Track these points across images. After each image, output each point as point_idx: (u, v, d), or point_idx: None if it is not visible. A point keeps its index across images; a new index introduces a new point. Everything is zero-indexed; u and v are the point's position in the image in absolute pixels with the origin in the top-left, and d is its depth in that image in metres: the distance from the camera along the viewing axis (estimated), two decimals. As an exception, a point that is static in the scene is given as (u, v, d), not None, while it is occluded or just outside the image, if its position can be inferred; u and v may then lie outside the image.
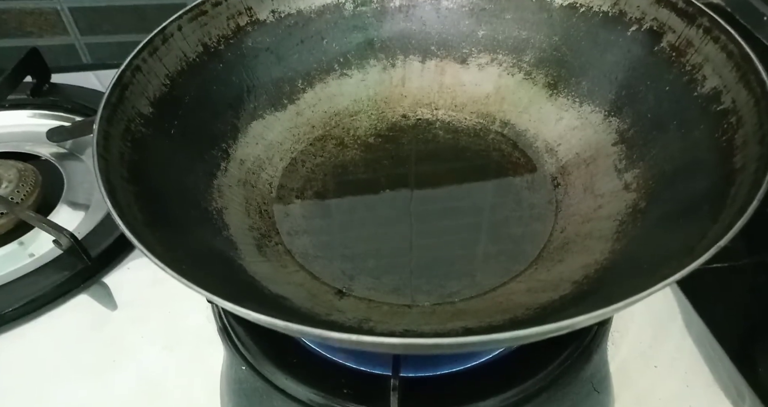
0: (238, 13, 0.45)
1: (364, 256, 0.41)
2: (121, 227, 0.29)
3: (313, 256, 0.41)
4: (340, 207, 0.45)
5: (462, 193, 0.46)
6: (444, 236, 0.43)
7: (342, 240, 0.43)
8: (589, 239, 0.39)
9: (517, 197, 0.45)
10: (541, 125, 0.48)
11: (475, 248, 0.42)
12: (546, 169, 0.46)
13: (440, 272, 0.40)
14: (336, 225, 0.44)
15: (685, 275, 0.27)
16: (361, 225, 0.44)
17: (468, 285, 0.39)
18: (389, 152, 0.49)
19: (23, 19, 0.66)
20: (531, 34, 0.48)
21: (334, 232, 0.43)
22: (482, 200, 0.45)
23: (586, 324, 0.26)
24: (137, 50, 0.39)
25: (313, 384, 0.39)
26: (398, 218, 0.44)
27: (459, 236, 0.43)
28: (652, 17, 0.42)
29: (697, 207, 0.33)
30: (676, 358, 0.42)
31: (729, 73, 0.36)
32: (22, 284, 0.45)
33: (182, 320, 0.44)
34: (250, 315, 0.26)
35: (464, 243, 0.42)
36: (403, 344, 0.27)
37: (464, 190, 0.46)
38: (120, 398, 0.40)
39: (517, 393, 0.38)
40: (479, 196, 0.46)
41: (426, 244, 0.42)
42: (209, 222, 0.39)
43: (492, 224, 0.43)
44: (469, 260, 0.41)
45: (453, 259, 0.41)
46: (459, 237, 0.42)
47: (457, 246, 0.42)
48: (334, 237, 0.43)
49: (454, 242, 0.42)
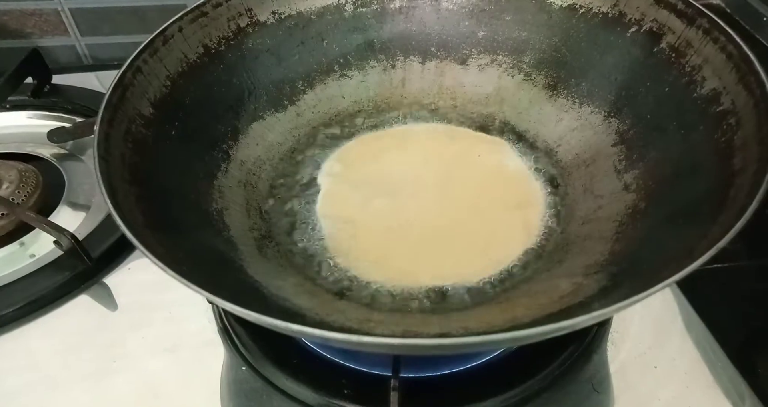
0: (239, 14, 0.46)
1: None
2: (122, 228, 0.29)
3: (314, 256, 0.41)
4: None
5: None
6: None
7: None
8: (589, 240, 0.39)
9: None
10: (540, 125, 0.48)
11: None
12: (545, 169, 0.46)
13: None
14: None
15: (685, 276, 0.27)
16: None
17: (468, 286, 0.39)
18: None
19: (24, 20, 0.67)
20: (531, 35, 0.48)
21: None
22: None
23: (586, 324, 0.26)
24: (138, 51, 0.39)
25: (314, 384, 0.39)
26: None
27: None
28: (652, 18, 0.42)
29: (696, 208, 0.33)
30: (676, 359, 0.42)
31: (728, 75, 0.36)
32: (22, 284, 0.45)
33: (183, 320, 0.44)
34: (251, 315, 0.26)
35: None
36: (403, 344, 0.27)
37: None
38: (120, 398, 0.40)
39: (517, 393, 0.38)
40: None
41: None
42: (210, 223, 0.39)
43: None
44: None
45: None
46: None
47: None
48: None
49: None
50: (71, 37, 0.69)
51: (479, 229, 0.42)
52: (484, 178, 0.46)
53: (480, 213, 0.43)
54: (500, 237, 0.42)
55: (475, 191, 0.45)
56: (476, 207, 0.44)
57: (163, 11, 0.67)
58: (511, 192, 0.45)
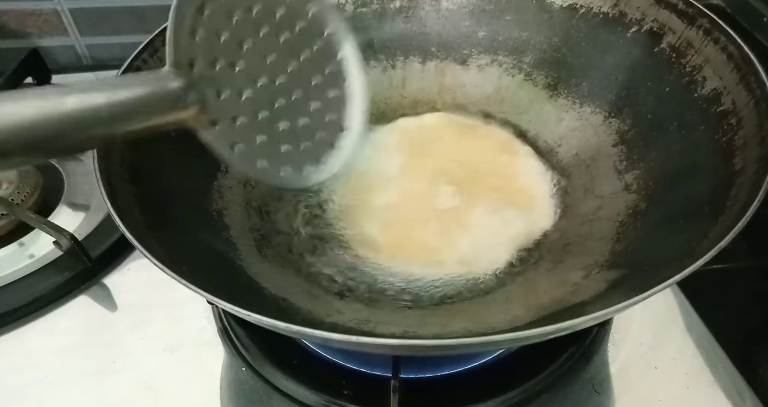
0: (239, 14, 0.45)
1: (365, 256, 0.41)
2: (122, 228, 0.29)
3: (314, 257, 0.41)
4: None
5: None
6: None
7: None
8: (590, 240, 0.39)
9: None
10: (541, 126, 0.48)
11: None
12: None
13: (441, 272, 0.40)
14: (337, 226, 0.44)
15: (686, 276, 0.27)
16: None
17: (468, 286, 0.39)
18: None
19: (24, 20, 0.66)
20: (531, 35, 0.48)
21: (335, 233, 0.43)
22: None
23: (587, 325, 0.26)
24: (138, 51, 0.39)
25: (314, 385, 0.39)
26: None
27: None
28: (653, 18, 0.42)
29: (697, 208, 0.33)
30: (677, 359, 0.42)
31: (729, 75, 0.36)
32: (22, 285, 0.45)
33: (182, 321, 0.44)
34: (251, 316, 0.26)
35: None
36: (403, 345, 0.27)
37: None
38: (120, 399, 0.40)
39: (517, 394, 0.38)
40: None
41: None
42: (209, 223, 0.39)
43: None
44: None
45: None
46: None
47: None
48: (335, 238, 0.43)
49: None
50: (71, 37, 0.69)
51: (479, 228, 0.42)
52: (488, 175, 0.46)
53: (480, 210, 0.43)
54: (500, 236, 0.42)
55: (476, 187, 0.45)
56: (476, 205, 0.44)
57: (163, 11, 0.67)
58: (512, 190, 0.45)
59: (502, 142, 0.48)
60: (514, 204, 0.43)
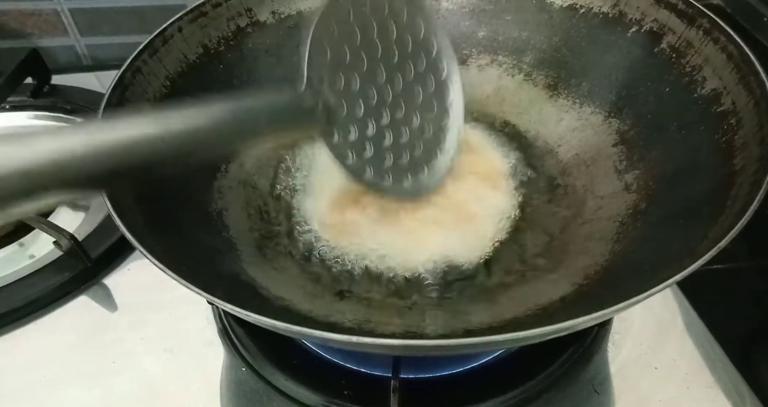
0: (239, 14, 0.45)
1: (366, 257, 0.41)
2: (122, 228, 0.29)
3: (314, 257, 0.41)
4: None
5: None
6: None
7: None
8: (590, 241, 0.39)
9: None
10: (541, 126, 0.48)
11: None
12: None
13: (440, 272, 0.40)
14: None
15: (686, 276, 0.27)
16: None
17: (468, 287, 0.39)
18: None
19: (23, 20, 0.66)
20: (531, 35, 0.48)
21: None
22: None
23: (587, 325, 0.26)
24: (138, 51, 0.39)
25: (314, 385, 0.39)
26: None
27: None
28: (652, 18, 0.42)
29: (697, 208, 0.33)
30: (677, 360, 0.42)
31: (729, 75, 0.36)
32: (22, 285, 0.45)
33: (182, 321, 0.44)
34: (251, 316, 0.26)
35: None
36: (403, 345, 0.27)
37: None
38: (120, 399, 0.40)
39: (517, 394, 0.38)
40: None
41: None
42: (209, 224, 0.39)
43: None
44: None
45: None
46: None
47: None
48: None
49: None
50: (71, 38, 0.69)
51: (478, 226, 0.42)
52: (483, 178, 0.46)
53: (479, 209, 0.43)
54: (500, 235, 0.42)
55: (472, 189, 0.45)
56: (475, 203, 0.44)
57: (162, 11, 0.67)
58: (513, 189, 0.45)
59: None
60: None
